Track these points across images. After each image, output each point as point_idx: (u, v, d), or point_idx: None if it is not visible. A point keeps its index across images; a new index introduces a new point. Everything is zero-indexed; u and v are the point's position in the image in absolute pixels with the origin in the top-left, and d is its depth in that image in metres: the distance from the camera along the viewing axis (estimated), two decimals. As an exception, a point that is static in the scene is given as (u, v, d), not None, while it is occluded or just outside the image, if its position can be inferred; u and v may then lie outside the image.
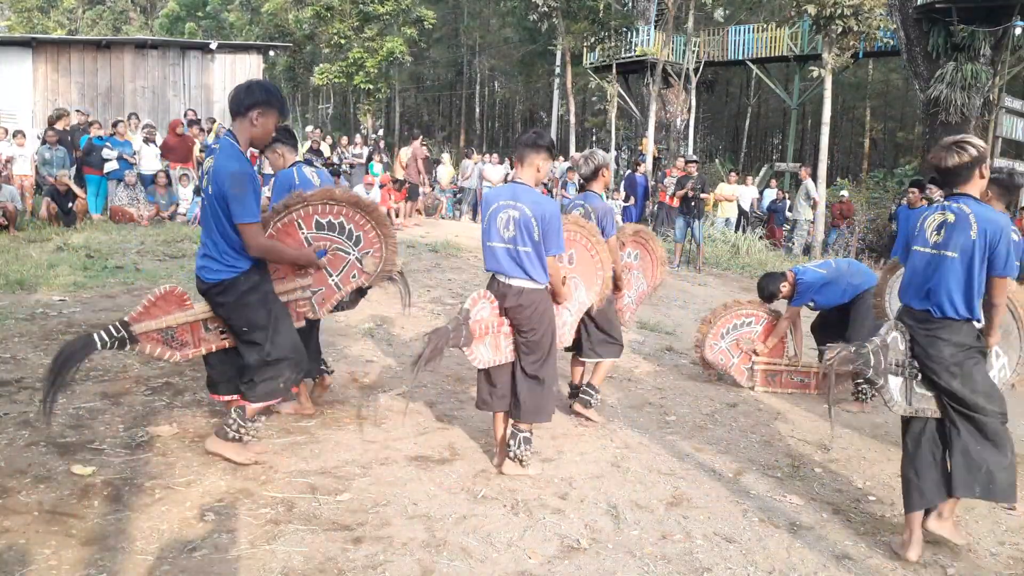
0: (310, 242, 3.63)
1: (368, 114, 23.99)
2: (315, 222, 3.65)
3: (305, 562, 2.72)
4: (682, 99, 20.41)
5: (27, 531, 2.77)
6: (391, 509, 3.17)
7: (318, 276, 3.69)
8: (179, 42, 20.28)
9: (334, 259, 3.72)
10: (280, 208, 3.57)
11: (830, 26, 13.37)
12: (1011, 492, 3.10)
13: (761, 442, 4.44)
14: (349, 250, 3.74)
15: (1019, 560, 3.17)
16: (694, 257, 11.81)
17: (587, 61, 22.16)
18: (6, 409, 3.93)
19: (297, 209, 3.60)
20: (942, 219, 3.05)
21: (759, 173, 21.00)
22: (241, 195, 3.09)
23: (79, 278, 7.33)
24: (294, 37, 28.86)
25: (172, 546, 2.75)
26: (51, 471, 3.27)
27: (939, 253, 3.02)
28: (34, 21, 37.29)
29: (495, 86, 39.05)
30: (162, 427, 3.88)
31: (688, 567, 2.91)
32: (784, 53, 20.84)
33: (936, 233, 3.06)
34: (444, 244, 11.07)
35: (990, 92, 14.92)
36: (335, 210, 3.67)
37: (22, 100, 15.39)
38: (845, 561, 3.03)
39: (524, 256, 3.42)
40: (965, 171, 3.01)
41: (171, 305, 3.33)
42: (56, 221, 10.40)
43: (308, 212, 3.63)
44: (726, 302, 5.89)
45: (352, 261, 3.76)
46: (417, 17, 22.80)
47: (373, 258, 3.79)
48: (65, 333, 5.48)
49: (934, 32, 14.43)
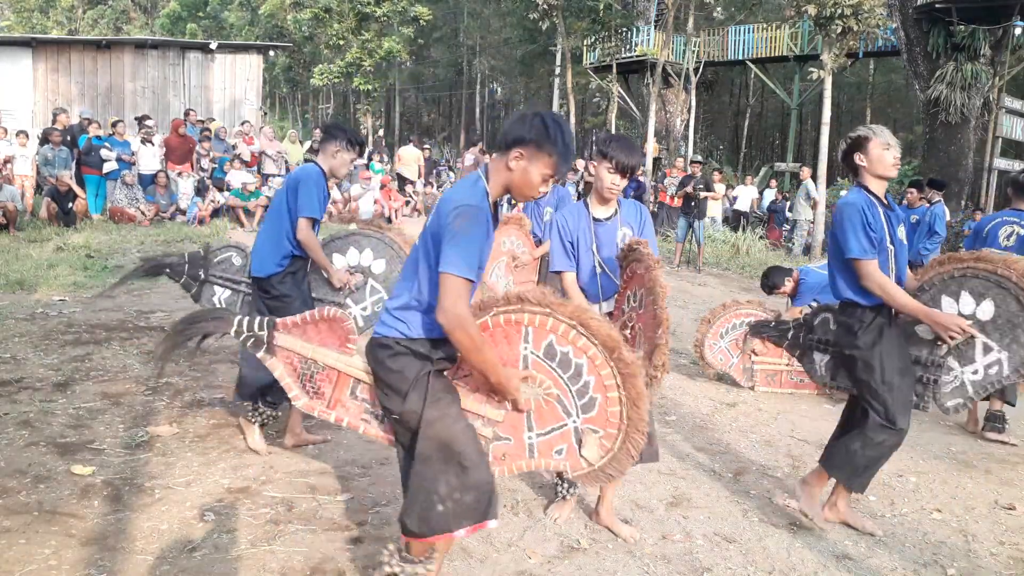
0: (528, 365, 2.38)
1: (368, 114, 23.98)
2: (548, 345, 2.38)
3: (305, 562, 2.72)
4: (682, 99, 20.41)
5: (27, 531, 2.77)
6: (391, 509, 3.17)
7: (512, 419, 2.42)
8: (179, 42, 20.30)
9: (546, 410, 2.41)
10: (513, 299, 2.39)
11: (830, 26, 13.35)
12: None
13: (761, 442, 4.44)
14: (571, 411, 2.40)
15: (1019, 560, 3.17)
16: (694, 257, 11.81)
17: (587, 61, 22.14)
18: (6, 409, 3.94)
19: (534, 312, 2.38)
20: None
21: (759, 173, 21.00)
22: (464, 239, 2.12)
23: (79, 278, 7.34)
24: (293, 38, 28.88)
25: (172, 546, 2.76)
26: (51, 471, 3.28)
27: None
28: (33, 21, 37.30)
29: (495, 86, 39.04)
30: (162, 427, 3.88)
31: (688, 567, 2.91)
32: (784, 53, 20.85)
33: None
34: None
35: (990, 92, 14.92)
36: (581, 344, 2.36)
37: (22, 100, 15.39)
38: (845, 561, 3.03)
39: None
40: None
41: (332, 337, 2.47)
42: (56, 221, 10.40)
43: (545, 324, 2.37)
44: (725, 302, 5.89)
45: (568, 429, 2.41)
46: (414, 16, 22.79)
47: (600, 444, 2.42)
48: (65, 333, 5.48)
49: (934, 32, 14.43)
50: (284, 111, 39.03)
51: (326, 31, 23.31)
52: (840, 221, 3.06)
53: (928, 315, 2.99)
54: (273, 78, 33.78)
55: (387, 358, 2.25)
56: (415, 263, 2.28)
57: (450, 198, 2.18)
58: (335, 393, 2.46)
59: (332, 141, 3.75)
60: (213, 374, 4.85)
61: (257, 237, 3.80)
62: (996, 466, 4.27)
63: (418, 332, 2.25)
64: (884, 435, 3.04)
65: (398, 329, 2.25)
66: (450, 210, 2.13)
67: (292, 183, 3.69)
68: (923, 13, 14.44)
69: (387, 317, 2.29)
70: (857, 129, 3.19)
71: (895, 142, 3.12)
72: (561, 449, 2.43)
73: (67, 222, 10.46)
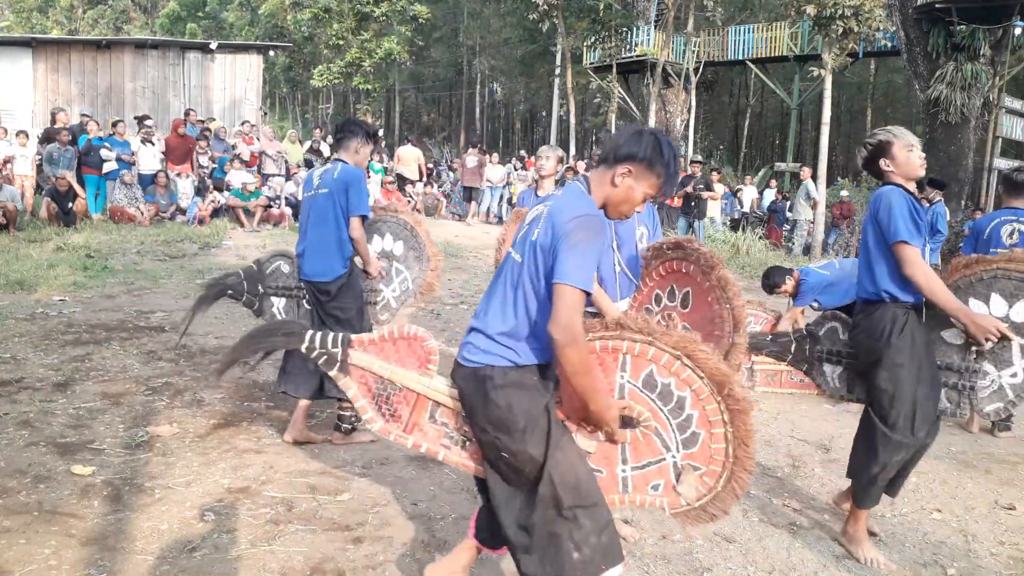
0: (625, 395, 2.28)
1: (368, 114, 23.99)
2: (647, 375, 2.25)
3: (305, 562, 2.72)
4: (682, 99, 20.41)
5: (27, 531, 2.77)
6: (391, 509, 3.17)
7: (606, 450, 2.30)
8: (179, 42, 20.29)
9: (642, 442, 2.29)
10: (612, 325, 2.27)
11: (830, 26, 13.36)
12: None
13: (761, 442, 4.44)
14: (671, 445, 2.28)
15: (1019, 560, 3.17)
16: (694, 257, 11.80)
17: (587, 61, 22.15)
18: (6, 409, 3.94)
19: (634, 339, 2.24)
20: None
21: (759, 173, 21.00)
22: (583, 250, 2.00)
23: (79, 278, 7.34)
24: (293, 38, 28.89)
25: (172, 546, 2.76)
26: (51, 471, 3.28)
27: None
28: (33, 21, 37.31)
29: (495, 86, 39.05)
30: (162, 427, 3.88)
31: (688, 567, 2.91)
32: (784, 53, 20.84)
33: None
34: (444, 244, 11.07)
35: (990, 92, 14.92)
36: (685, 376, 2.23)
37: (22, 100, 15.38)
38: (845, 561, 3.03)
39: None
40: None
41: (411, 356, 2.34)
42: (56, 221, 10.40)
43: (645, 353, 2.25)
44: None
45: (666, 464, 2.29)
46: (413, 16, 22.80)
47: (701, 481, 2.28)
48: (65, 333, 5.48)
49: (934, 32, 14.42)
50: (284, 111, 39.04)
51: (326, 31, 23.34)
52: (887, 207, 2.90)
53: (968, 315, 2.84)
54: (273, 78, 33.79)
55: (492, 391, 2.08)
56: (514, 282, 2.12)
57: (563, 209, 2.06)
58: (413, 416, 2.33)
59: (353, 138, 3.83)
60: (213, 374, 4.85)
61: (307, 244, 3.83)
62: (996, 466, 4.27)
63: (528, 358, 2.10)
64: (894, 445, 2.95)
65: (505, 357, 2.09)
66: (567, 220, 2.01)
67: (341, 185, 3.75)
68: (923, 13, 14.43)
69: (484, 342, 2.12)
70: (875, 134, 3.06)
71: (916, 140, 3.01)
72: (658, 485, 2.30)
73: (67, 222, 10.46)
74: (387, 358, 2.32)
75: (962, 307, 2.87)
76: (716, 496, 2.28)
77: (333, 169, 3.87)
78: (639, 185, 2.14)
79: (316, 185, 3.85)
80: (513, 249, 2.19)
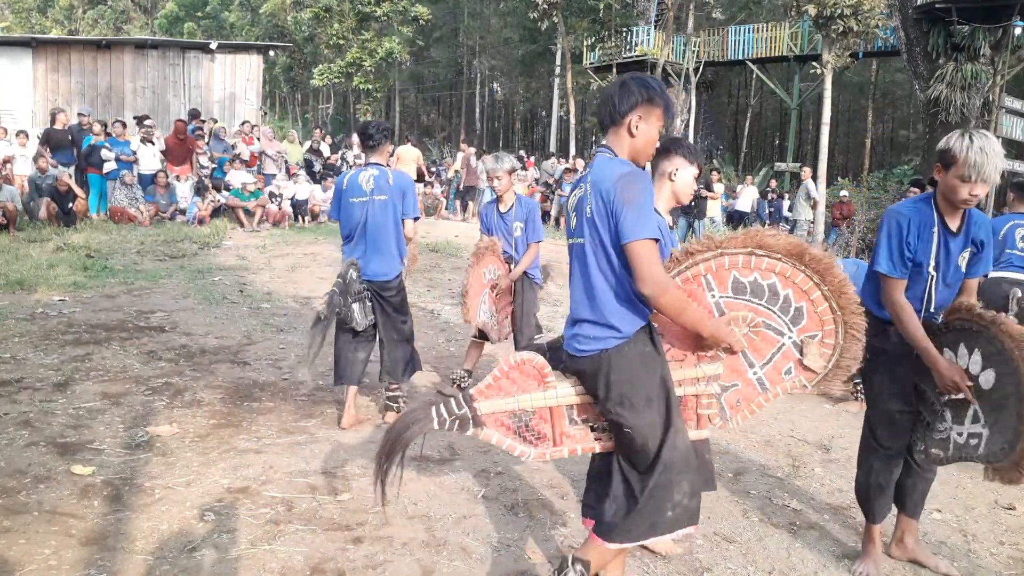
0: (722, 310, 2.43)
1: (368, 114, 23.99)
2: (733, 280, 2.42)
3: (305, 562, 2.72)
4: (682, 99, 20.41)
5: (27, 531, 2.77)
6: (391, 509, 3.17)
7: (732, 364, 2.48)
8: (179, 42, 20.28)
9: (758, 340, 2.47)
10: (681, 257, 2.43)
11: (830, 26, 13.36)
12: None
13: (761, 442, 4.44)
14: (783, 329, 2.45)
15: (1019, 560, 3.17)
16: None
17: (587, 61, 22.16)
18: (6, 409, 3.94)
19: (706, 259, 2.41)
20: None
21: (759, 173, 20.99)
22: (638, 203, 2.13)
23: (79, 278, 7.34)
24: (293, 38, 28.88)
25: (172, 546, 2.76)
26: (51, 471, 3.28)
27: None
28: (32, 21, 37.32)
29: (495, 86, 39.05)
30: (162, 427, 3.88)
31: (688, 567, 2.91)
32: (784, 53, 20.84)
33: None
34: (444, 244, 11.07)
35: (990, 92, 14.91)
36: (765, 265, 2.40)
37: (22, 100, 15.38)
38: (845, 561, 3.03)
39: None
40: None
41: (527, 380, 2.38)
42: (56, 221, 10.41)
43: (722, 264, 2.41)
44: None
45: (787, 347, 2.47)
46: (414, 16, 22.81)
47: (822, 347, 2.46)
48: (65, 333, 5.48)
49: (934, 32, 14.42)
50: (284, 111, 39.02)
51: (326, 31, 23.34)
52: (879, 229, 2.81)
53: (932, 359, 2.64)
54: (273, 78, 33.78)
55: (612, 373, 2.22)
56: (585, 267, 2.26)
57: (604, 176, 2.19)
58: (556, 429, 2.41)
59: (386, 141, 4.20)
60: (213, 374, 4.86)
61: (367, 247, 4.15)
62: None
63: (632, 325, 2.23)
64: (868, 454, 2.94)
65: (611, 336, 2.22)
66: (613, 183, 2.15)
67: (399, 191, 4.16)
68: (923, 13, 14.43)
69: (588, 329, 2.26)
70: (951, 140, 2.65)
71: (982, 175, 2.56)
72: (789, 368, 2.49)
73: (67, 222, 10.46)
74: (508, 393, 2.38)
75: (928, 349, 2.65)
76: (843, 349, 2.48)
77: (384, 176, 4.15)
78: (651, 125, 2.30)
79: (370, 191, 4.11)
80: (572, 237, 2.34)
